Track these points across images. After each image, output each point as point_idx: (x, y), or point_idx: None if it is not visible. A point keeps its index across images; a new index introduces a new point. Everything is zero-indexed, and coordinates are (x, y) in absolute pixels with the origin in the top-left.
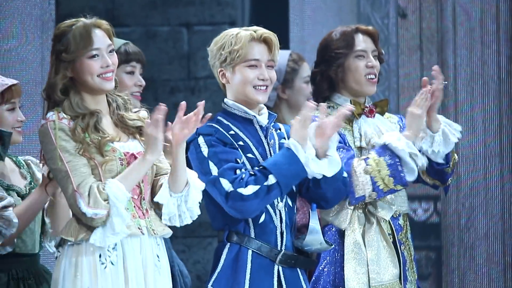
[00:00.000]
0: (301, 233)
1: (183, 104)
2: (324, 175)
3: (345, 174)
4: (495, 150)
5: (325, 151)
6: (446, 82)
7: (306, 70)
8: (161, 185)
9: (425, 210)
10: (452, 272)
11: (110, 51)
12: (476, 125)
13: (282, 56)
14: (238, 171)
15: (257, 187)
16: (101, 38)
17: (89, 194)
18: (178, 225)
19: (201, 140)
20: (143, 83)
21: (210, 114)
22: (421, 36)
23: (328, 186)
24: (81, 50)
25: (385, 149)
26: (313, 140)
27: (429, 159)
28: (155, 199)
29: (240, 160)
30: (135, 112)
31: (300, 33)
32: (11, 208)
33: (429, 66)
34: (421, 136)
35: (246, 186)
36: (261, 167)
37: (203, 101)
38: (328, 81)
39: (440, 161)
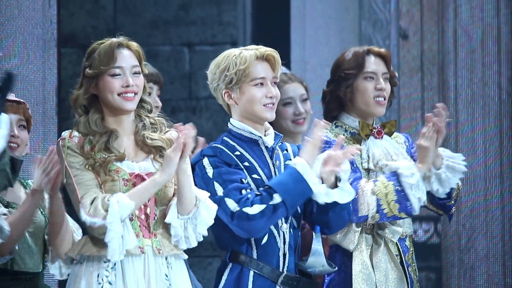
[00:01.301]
0: (303, 254)
1: (179, 126)
2: (332, 204)
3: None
4: (495, 171)
5: (331, 181)
6: (450, 120)
7: (285, 92)
8: (170, 206)
9: (426, 231)
10: None
11: (135, 73)
12: (477, 146)
13: None
14: (243, 191)
15: (263, 206)
16: (126, 58)
17: (91, 203)
18: (184, 247)
19: (206, 161)
20: (160, 104)
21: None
22: (422, 57)
23: (335, 214)
24: (103, 66)
25: (395, 175)
26: (319, 169)
27: (430, 193)
28: (166, 220)
29: (245, 180)
30: (166, 132)
31: (301, 53)
32: (3, 217)
33: (430, 87)
34: (427, 175)
35: (252, 205)
36: (266, 187)
37: (189, 125)
38: (337, 100)
39: (443, 196)
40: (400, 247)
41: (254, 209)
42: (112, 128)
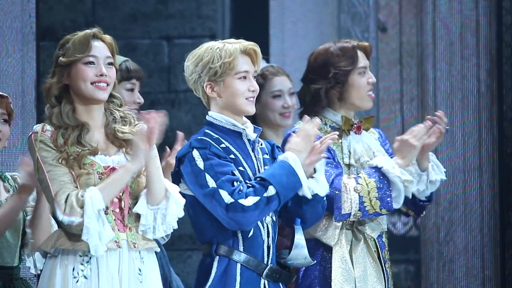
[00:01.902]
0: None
1: (146, 113)
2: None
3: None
4: (474, 164)
5: (310, 173)
6: (448, 127)
7: (275, 85)
8: (140, 195)
9: (405, 224)
10: (431, 286)
11: (109, 64)
12: (456, 138)
13: None
14: (235, 183)
15: (257, 198)
16: (100, 49)
17: (65, 202)
18: (151, 237)
19: (195, 153)
20: (142, 100)
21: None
22: (401, 50)
23: (309, 207)
24: (77, 54)
25: (377, 172)
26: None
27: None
28: (134, 210)
29: (236, 172)
30: (136, 125)
31: (281, 46)
32: None
33: (408, 80)
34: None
35: (246, 197)
36: (259, 179)
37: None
38: (329, 97)
39: (424, 198)
40: (377, 243)
41: (249, 201)
42: (83, 121)
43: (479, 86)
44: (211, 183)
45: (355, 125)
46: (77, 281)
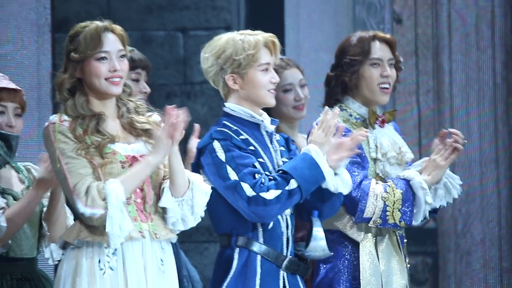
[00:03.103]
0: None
1: (170, 108)
2: (330, 191)
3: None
4: (491, 156)
5: (335, 168)
6: (466, 141)
7: (285, 78)
8: (163, 189)
9: None
10: (448, 278)
11: (121, 57)
12: (472, 130)
13: None
14: (257, 176)
15: (279, 191)
16: (112, 42)
17: (86, 194)
18: (182, 229)
19: (216, 144)
20: (148, 90)
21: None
22: (417, 42)
23: (331, 202)
24: (89, 51)
25: (405, 184)
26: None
27: None
28: (160, 204)
29: (257, 165)
30: (148, 116)
31: (296, 37)
32: (0, 211)
33: (424, 72)
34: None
35: (267, 190)
36: (280, 171)
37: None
38: (342, 86)
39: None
40: (398, 237)
41: (270, 194)
42: (99, 111)
43: (495, 78)
44: (233, 175)
45: (379, 118)
46: (104, 273)
